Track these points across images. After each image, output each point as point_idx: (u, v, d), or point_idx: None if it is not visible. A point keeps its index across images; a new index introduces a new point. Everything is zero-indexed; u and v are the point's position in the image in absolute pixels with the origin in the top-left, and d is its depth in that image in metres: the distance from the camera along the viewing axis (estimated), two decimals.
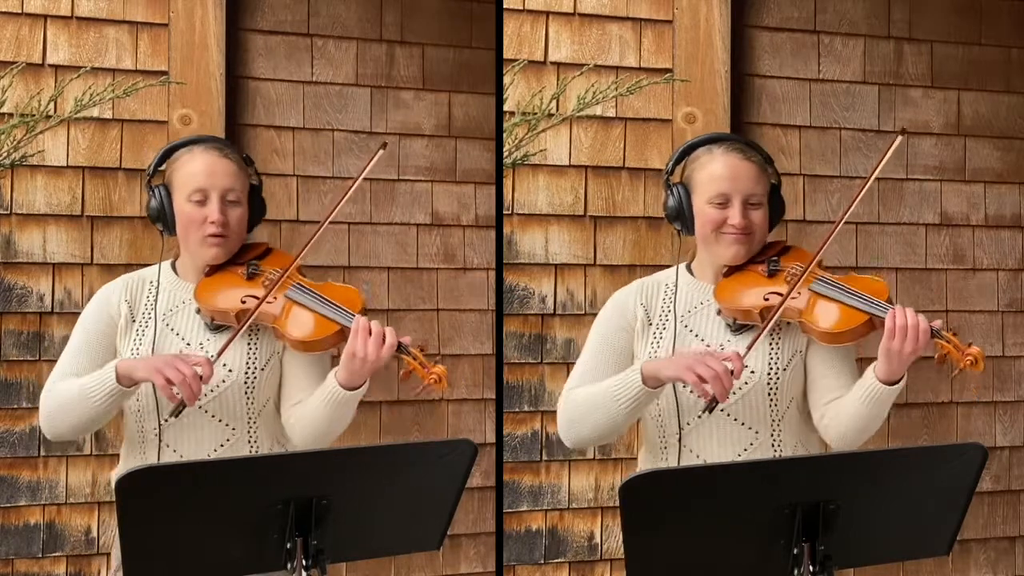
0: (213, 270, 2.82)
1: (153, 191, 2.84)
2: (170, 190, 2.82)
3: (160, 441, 2.77)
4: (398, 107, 3.99)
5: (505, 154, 3.81)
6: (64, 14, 3.64)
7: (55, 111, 3.62)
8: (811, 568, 2.25)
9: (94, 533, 3.65)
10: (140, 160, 3.69)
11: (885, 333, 2.63)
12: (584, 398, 2.81)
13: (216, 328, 2.79)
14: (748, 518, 2.24)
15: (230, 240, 2.81)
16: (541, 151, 3.86)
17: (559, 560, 3.88)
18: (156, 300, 2.82)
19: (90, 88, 3.64)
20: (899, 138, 2.87)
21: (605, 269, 3.89)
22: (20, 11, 3.61)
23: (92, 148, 3.66)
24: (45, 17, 3.63)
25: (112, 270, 3.64)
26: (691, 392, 2.75)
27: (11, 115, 3.59)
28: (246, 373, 2.78)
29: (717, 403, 2.65)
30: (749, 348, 2.73)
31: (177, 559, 2.24)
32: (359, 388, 2.72)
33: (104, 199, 3.67)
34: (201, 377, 2.63)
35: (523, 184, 3.86)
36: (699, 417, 2.76)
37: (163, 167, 2.86)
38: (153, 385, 2.72)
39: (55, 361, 2.87)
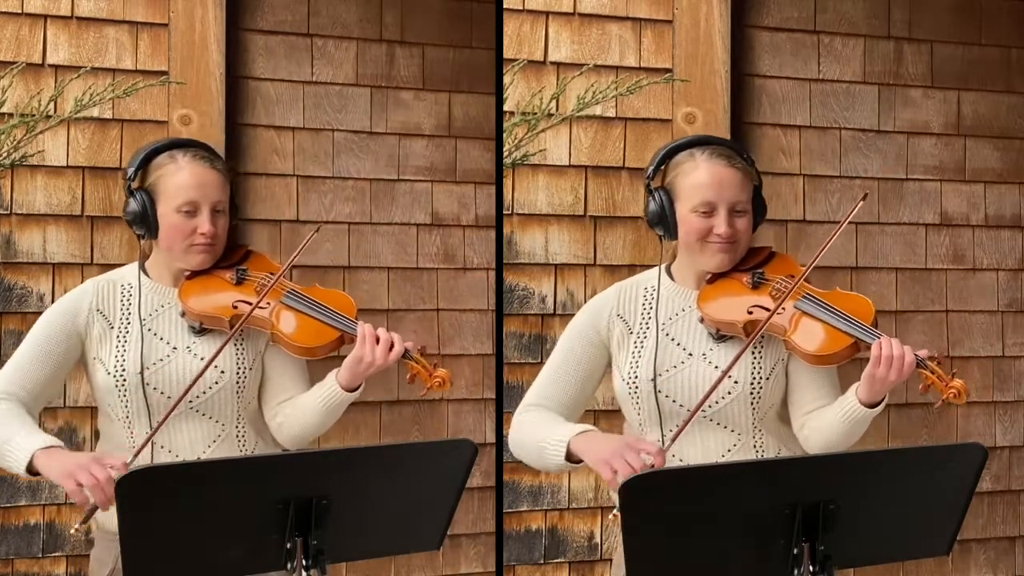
0: (195, 274, 2.82)
1: (134, 195, 2.81)
2: (154, 196, 2.80)
3: (153, 442, 2.77)
4: (398, 107, 3.99)
5: (505, 154, 3.81)
6: (64, 14, 3.64)
7: (55, 111, 3.62)
8: (811, 568, 2.25)
9: (94, 533, 3.65)
10: None
11: (871, 360, 2.63)
12: (525, 432, 2.82)
13: (201, 331, 2.80)
14: (748, 518, 2.24)
15: (217, 247, 2.83)
16: (541, 151, 3.86)
17: (559, 560, 3.88)
18: (138, 305, 2.82)
19: (90, 88, 3.64)
20: (861, 202, 2.84)
21: (605, 269, 3.89)
22: (20, 11, 3.61)
23: (92, 148, 3.67)
24: (45, 17, 3.63)
25: (112, 270, 3.64)
26: (673, 401, 2.76)
27: (11, 115, 3.59)
28: (237, 373, 2.81)
29: None
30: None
31: (177, 559, 2.24)
32: (357, 390, 2.78)
33: (104, 199, 3.67)
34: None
35: (523, 184, 3.86)
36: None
37: (142, 171, 2.83)
38: (144, 388, 2.75)
39: None
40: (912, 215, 4.14)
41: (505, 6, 3.80)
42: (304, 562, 2.29)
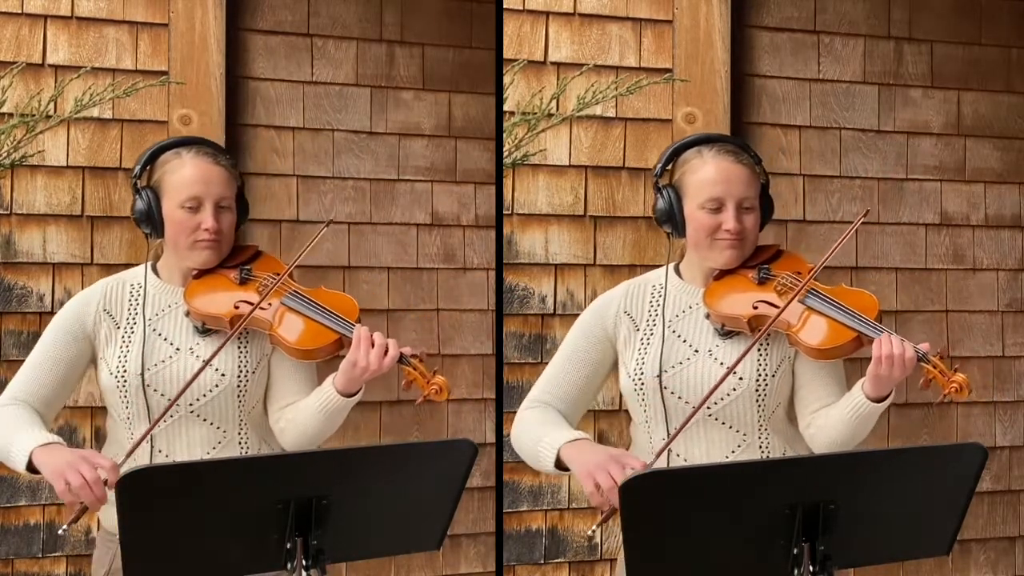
0: (202, 273, 2.80)
1: (140, 193, 2.80)
2: (159, 194, 2.79)
3: (152, 447, 2.76)
4: (398, 107, 3.99)
5: (505, 154, 3.81)
6: (64, 14, 3.64)
7: (55, 111, 3.62)
8: (811, 568, 2.25)
9: (94, 533, 3.65)
10: None
11: (872, 360, 2.63)
12: (524, 430, 2.82)
13: (205, 332, 2.78)
14: (748, 518, 2.24)
15: (222, 244, 2.80)
16: (541, 151, 3.86)
17: (559, 560, 3.88)
18: (143, 304, 2.80)
19: (90, 88, 3.64)
20: (861, 219, 2.84)
21: (605, 269, 3.88)
22: (20, 11, 3.61)
23: (92, 148, 3.67)
24: (45, 17, 3.63)
25: (112, 270, 3.62)
26: (679, 398, 2.75)
27: (11, 115, 3.59)
28: (238, 377, 2.78)
29: (616, 513, 2.43)
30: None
31: (177, 559, 2.24)
32: (355, 395, 2.74)
33: (104, 199, 3.67)
34: (106, 482, 2.55)
35: (523, 184, 3.86)
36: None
37: (148, 168, 2.84)
38: (144, 390, 2.73)
39: None
40: (912, 215, 4.14)
41: (505, 6, 3.80)
42: (304, 562, 2.29)
